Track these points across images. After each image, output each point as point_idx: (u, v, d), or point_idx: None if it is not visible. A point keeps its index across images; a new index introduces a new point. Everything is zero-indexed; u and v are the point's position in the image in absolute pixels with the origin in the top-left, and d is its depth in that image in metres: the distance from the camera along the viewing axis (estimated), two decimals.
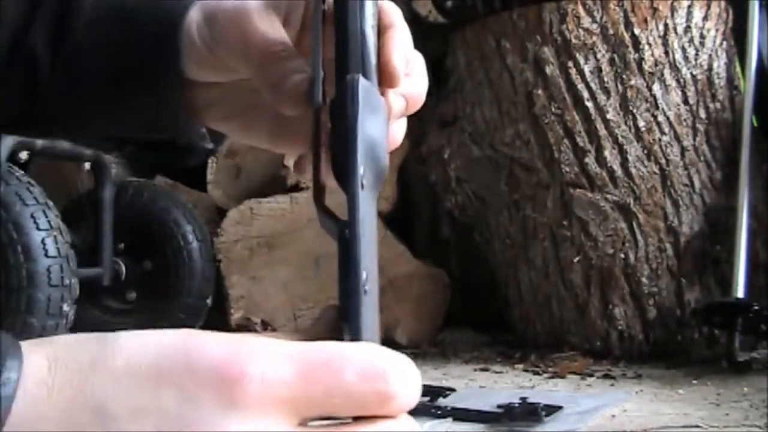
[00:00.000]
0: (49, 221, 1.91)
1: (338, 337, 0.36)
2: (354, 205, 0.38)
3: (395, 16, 0.51)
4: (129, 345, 0.34)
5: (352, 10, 0.45)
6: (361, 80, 0.42)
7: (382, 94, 0.46)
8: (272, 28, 0.51)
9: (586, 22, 2.18)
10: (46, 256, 1.88)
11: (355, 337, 0.36)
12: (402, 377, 0.34)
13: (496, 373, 2.06)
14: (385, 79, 0.47)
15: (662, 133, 2.17)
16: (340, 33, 0.45)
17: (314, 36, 0.48)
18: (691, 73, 2.20)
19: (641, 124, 2.17)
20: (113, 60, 0.54)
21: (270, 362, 0.33)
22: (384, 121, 0.44)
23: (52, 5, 0.56)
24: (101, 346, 0.34)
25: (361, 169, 0.40)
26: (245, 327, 2.52)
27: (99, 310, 2.40)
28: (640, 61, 2.17)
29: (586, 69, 2.18)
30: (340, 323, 0.37)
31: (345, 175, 0.40)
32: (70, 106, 0.57)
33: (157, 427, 0.32)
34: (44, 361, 0.33)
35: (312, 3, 0.50)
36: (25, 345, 0.34)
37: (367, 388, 0.33)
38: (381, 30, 0.49)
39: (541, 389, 1.86)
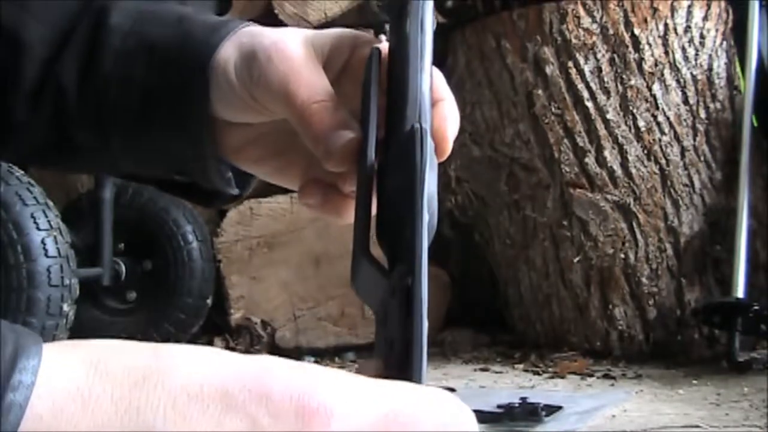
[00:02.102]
0: (49, 221, 1.91)
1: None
2: (419, 254, 0.37)
3: (445, 88, 0.49)
4: (190, 361, 0.30)
5: (413, 67, 0.44)
6: (428, 131, 0.41)
7: None
8: (315, 73, 0.48)
9: (586, 22, 2.18)
10: (46, 256, 1.88)
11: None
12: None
13: (496, 373, 2.06)
14: (436, 150, 0.46)
15: (662, 133, 2.17)
16: (398, 86, 0.44)
17: (367, 96, 0.46)
18: (691, 73, 2.20)
19: (641, 124, 2.17)
20: (140, 98, 0.52)
21: (352, 400, 0.30)
22: (436, 180, 0.43)
23: (82, 36, 0.54)
24: (155, 357, 0.30)
25: (426, 218, 0.39)
26: (245, 327, 2.52)
27: (99, 310, 2.40)
28: (640, 61, 2.17)
29: (586, 69, 2.18)
30: (391, 371, 0.36)
31: (410, 222, 0.38)
32: (95, 141, 0.55)
33: None
34: (80, 365, 0.30)
35: (368, 58, 0.47)
36: (57, 345, 0.31)
37: None
38: (434, 101, 0.47)
39: (541, 389, 1.86)
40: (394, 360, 0.36)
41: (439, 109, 0.47)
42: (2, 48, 0.54)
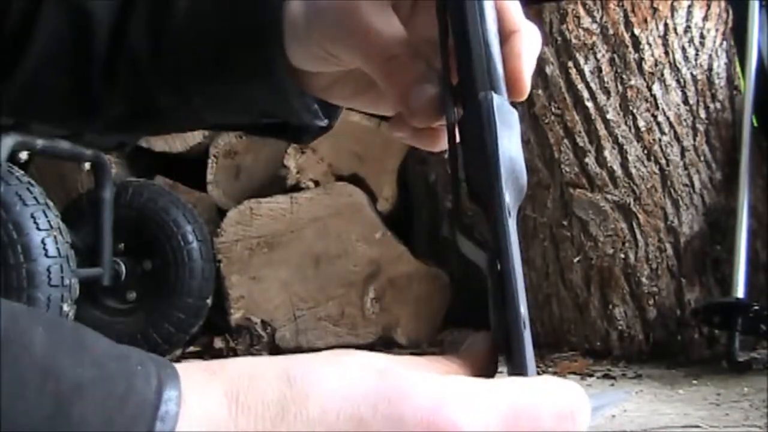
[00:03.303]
0: (49, 221, 1.91)
1: (495, 368, 0.37)
2: (503, 235, 0.38)
3: (519, 17, 0.47)
4: (322, 387, 0.31)
5: (472, 19, 0.42)
6: (495, 98, 0.40)
7: None
8: (387, 22, 0.46)
9: (586, 22, 2.18)
10: (46, 256, 1.88)
11: (521, 372, 0.36)
12: (585, 413, 0.35)
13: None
14: (512, 91, 0.44)
15: (662, 133, 2.17)
16: (462, 45, 0.42)
17: (441, 47, 0.44)
18: (691, 73, 2.20)
19: (641, 124, 2.17)
20: (214, 50, 0.52)
21: (477, 414, 0.32)
22: (518, 134, 0.41)
23: (147, 1, 0.54)
24: (288, 387, 0.31)
25: (507, 197, 0.39)
26: (245, 327, 2.52)
27: (99, 310, 2.40)
28: (640, 61, 2.17)
29: (586, 69, 2.18)
30: (498, 354, 0.37)
31: (489, 203, 0.39)
32: (177, 100, 0.55)
33: None
34: (222, 398, 0.31)
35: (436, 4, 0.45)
36: (191, 373, 0.31)
37: (559, 429, 0.34)
38: (505, 35, 0.45)
39: None
40: (501, 344, 0.38)
41: (512, 45, 0.45)
42: (71, 22, 0.54)
